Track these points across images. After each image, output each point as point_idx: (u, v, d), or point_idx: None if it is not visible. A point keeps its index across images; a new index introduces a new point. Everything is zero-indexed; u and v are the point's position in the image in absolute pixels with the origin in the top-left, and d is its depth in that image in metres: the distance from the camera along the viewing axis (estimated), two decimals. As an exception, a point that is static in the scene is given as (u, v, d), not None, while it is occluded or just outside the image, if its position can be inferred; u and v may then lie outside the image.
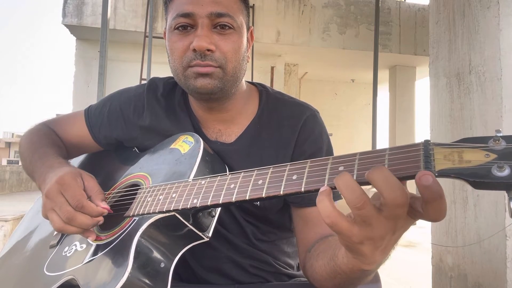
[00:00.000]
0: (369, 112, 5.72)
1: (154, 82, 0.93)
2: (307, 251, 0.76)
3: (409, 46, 6.42)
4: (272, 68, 6.52)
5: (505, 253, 2.13)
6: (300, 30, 6.09)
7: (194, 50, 0.74)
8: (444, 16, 2.72)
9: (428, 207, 0.41)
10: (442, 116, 2.70)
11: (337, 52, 6.39)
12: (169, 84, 0.92)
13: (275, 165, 0.55)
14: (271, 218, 0.85)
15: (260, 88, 0.92)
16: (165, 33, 0.85)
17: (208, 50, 0.74)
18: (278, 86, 6.31)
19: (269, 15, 5.94)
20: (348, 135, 8.09)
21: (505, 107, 2.21)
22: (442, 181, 0.43)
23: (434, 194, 0.40)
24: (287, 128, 0.85)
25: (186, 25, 0.76)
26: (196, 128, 0.87)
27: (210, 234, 0.69)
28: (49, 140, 0.91)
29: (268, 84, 0.85)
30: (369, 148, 5.53)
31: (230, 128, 0.87)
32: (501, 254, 2.16)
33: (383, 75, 7.05)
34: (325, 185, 0.47)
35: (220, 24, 0.76)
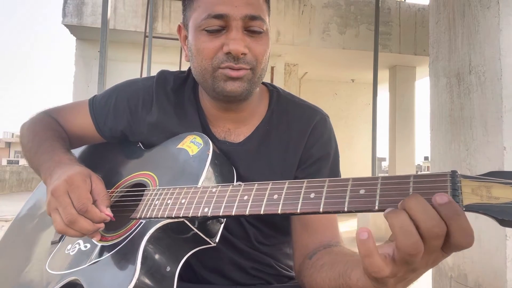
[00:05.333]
0: (369, 112, 5.72)
1: (163, 75, 0.90)
2: (306, 257, 0.75)
3: (409, 46, 6.41)
4: (272, 68, 6.51)
5: (505, 253, 2.13)
6: (300, 30, 6.09)
7: (228, 52, 0.72)
8: (444, 16, 2.72)
9: (452, 230, 0.41)
10: (442, 116, 2.70)
11: (337, 52, 6.39)
12: (179, 79, 0.90)
13: (291, 180, 0.55)
14: (276, 221, 0.85)
15: (271, 88, 0.91)
16: (180, 27, 0.83)
17: (242, 53, 0.73)
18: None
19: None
20: (348, 135, 8.08)
21: (505, 107, 2.21)
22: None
23: (452, 212, 0.40)
24: (297, 131, 0.84)
25: (217, 27, 0.73)
26: (204, 126, 0.85)
27: (217, 240, 0.68)
28: (54, 132, 0.88)
29: (266, 78, 0.84)
30: (369, 148, 5.51)
31: (240, 128, 0.86)
32: (501, 254, 2.15)
33: (383, 75, 7.05)
34: (365, 233, 0.43)
35: (251, 27, 0.74)
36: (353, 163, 7.48)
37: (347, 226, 6.10)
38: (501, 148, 2.20)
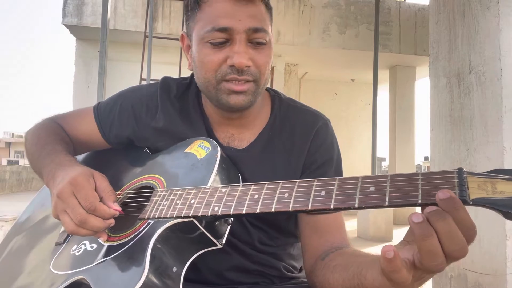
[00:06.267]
0: (369, 112, 5.72)
1: (167, 82, 0.91)
2: (318, 258, 0.76)
3: (409, 46, 6.42)
4: (272, 68, 6.51)
5: (505, 253, 2.13)
6: (300, 30, 6.09)
7: (232, 65, 0.73)
8: (444, 16, 2.72)
9: (455, 223, 0.44)
10: (442, 116, 2.70)
11: (337, 52, 6.39)
12: (182, 86, 0.91)
13: (301, 180, 0.56)
14: (280, 223, 0.85)
15: (273, 94, 0.92)
16: (183, 36, 0.84)
17: (246, 66, 0.74)
18: (278, 86, 6.31)
19: (269, 15, 5.93)
20: (348, 135, 8.09)
21: (505, 107, 2.21)
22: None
23: (456, 205, 0.43)
24: (300, 136, 0.85)
25: (222, 40, 0.74)
26: (209, 132, 0.86)
27: (224, 242, 0.69)
28: (57, 136, 0.89)
29: (268, 84, 0.84)
30: (369, 148, 5.51)
31: (243, 133, 0.86)
32: (501, 254, 2.16)
33: (383, 75, 7.05)
34: (391, 251, 0.44)
35: (255, 39, 0.75)
36: (353, 163, 7.49)
37: (348, 226, 6.09)
38: (501, 148, 2.21)
